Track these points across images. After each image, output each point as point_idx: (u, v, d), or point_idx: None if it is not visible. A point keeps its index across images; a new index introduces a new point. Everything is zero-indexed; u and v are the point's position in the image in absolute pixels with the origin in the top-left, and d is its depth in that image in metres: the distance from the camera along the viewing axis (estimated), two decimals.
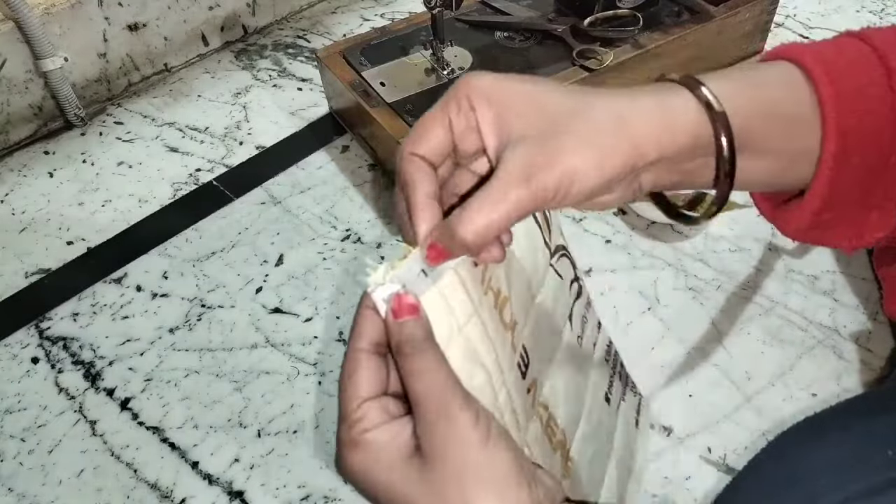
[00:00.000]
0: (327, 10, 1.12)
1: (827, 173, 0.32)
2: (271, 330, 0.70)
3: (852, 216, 0.34)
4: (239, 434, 0.63)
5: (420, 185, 0.31)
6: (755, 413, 0.61)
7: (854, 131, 0.31)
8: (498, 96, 0.30)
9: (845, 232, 0.35)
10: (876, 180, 0.33)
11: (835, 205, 0.33)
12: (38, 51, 0.85)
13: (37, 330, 0.71)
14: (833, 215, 0.34)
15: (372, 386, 0.30)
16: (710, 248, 0.74)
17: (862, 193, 0.33)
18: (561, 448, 0.41)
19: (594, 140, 0.29)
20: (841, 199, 0.33)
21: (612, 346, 0.53)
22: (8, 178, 0.88)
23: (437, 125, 0.31)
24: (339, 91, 0.84)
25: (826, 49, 0.33)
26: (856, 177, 0.33)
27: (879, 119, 0.32)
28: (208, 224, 0.81)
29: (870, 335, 0.66)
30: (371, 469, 0.29)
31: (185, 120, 0.94)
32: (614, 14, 0.81)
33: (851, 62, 0.32)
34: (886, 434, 0.40)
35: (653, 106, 0.30)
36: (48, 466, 0.61)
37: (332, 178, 0.85)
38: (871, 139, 0.32)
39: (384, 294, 0.30)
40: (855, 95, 0.31)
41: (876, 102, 0.32)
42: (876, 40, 0.33)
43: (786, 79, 0.32)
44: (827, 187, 0.32)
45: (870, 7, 1.05)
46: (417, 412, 0.29)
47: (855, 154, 0.32)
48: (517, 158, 0.29)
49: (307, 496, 0.59)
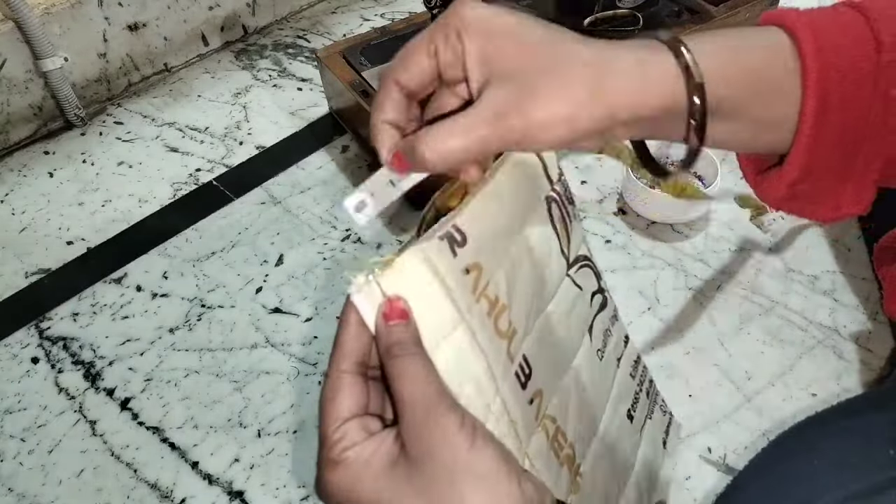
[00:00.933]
0: (327, 10, 1.12)
1: (805, 138, 0.32)
2: (271, 330, 0.70)
3: (829, 188, 0.34)
4: (239, 434, 0.63)
5: (382, 110, 0.32)
6: (755, 413, 0.61)
7: (834, 93, 0.31)
8: (486, 31, 0.30)
9: (823, 203, 0.35)
10: (855, 150, 0.33)
11: (812, 175, 0.33)
12: (38, 51, 0.85)
13: (37, 330, 0.71)
14: (809, 186, 0.34)
15: (353, 408, 0.30)
16: (710, 248, 0.74)
17: (840, 164, 0.33)
18: (569, 462, 0.40)
19: (568, 95, 0.29)
20: (818, 170, 0.33)
21: (640, 362, 0.52)
22: (8, 178, 0.88)
23: (422, 53, 0.31)
24: (339, 91, 0.84)
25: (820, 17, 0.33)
26: (833, 143, 0.32)
27: (861, 80, 0.31)
28: (208, 224, 0.81)
29: (870, 335, 0.66)
30: (354, 486, 0.29)
31: (185, 120, 0.94)
32: (614, 14, 0.81)
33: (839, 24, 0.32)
34: (887, 433, 0.40)
35: (632, 67, 0.30)
36: (48, 466, 0.61)
37: (332, 178, 0.85)
38: (852, 100, 0.31)
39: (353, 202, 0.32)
40: (837, 54, 0.31)
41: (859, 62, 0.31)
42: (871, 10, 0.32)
43: (772, 44, 0.32)
44: (805, 153, 0.32)
45: None
46: (404, 415, 0.29)
47: (834, 115, 0.31)
48: (492, 97, 0.29)
49: (307, 496, 0.59)
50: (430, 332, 0.31)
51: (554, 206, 0.40)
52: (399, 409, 0.29)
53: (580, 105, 0.29)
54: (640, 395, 0.51)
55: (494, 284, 0.35)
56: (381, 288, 0.30)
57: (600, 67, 0.29)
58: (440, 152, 0.30)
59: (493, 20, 0.30)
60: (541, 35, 0.30)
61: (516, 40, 0.30)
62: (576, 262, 0.43)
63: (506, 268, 0.36)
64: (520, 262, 0.37)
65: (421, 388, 0.29)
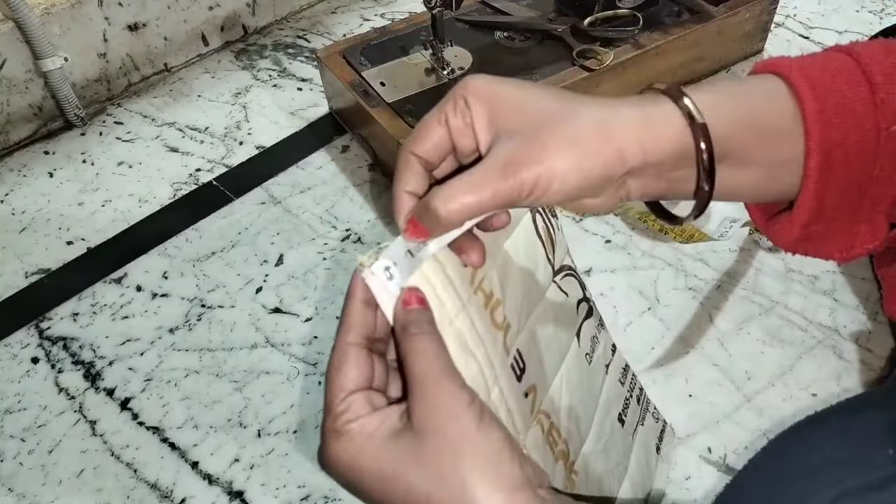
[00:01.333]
0: (327, 10, 1.12)
1: (812, 187, 0.33)
2: (271, 330, 0.70)
3: (842, 228, 0.35)
4: (239, 434, 0.63)
5: (403, 180, 0.33)
6: (755, 413, 0.61)
7: (837, 146, 0.32)
8: (492, 96, 0.31)
9: (836, 244, 0.36)
10: (861, 194, 0.34)
11: (823, 217, 0.34)
12: (38, 51, 0.85)
13: (37, 330, 0.71)
14: (822, 227, 0.35)
15: (358, 379, 0.31)
16: (710, 248, 0.74)
17: (849, 207, 0.34)
18: (564, 458, 0.41)
19: (577, 143, 0.30)
20: (829, 212, 0.34)
21: (628, 371, 0.53)
22: (8, 178, 0.88)
23: (435, 124, 0.32)
24: (339, 91, 0.84)
25: (811, 63, 0.33)
26: (841, 190, 0.33)
27: (863, 134, 0.32)
28: (208, 224, 0.81)
29: (870, 335, 0.66)
30: (356, 458, 0.29)
31: (185, 120, 0.94)
32: (614, 14, 0.81)
33: (836, 77, 0.32)
34: (886, 433, 0.40)
35: (636, 114, 0.31)
36: (48, 466, 0.61)
37: (332, 178, 0.85)
38: (855, 154, 0.32)
39: (377, 270, 0.31)
40: (838, 111, 0.32)
41: (859, 118, 0.32)
42: (863, 55, 0.33)
43: (770, 92, 0.33)
44: (813, 201, 0.33)
45: (870, 7, 1.05)
46: (415, 390, 0.30)
47: (839, 168, 0.32)
48: (501, 152, 0.30)
49: (307, 496, 0.59)
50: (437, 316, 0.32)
51: (538, 217, 0.42)
52: (410, 385, 0.30)
53: (590, 152, 0.30)
54: (630, 401, 0.52)
55: (489, 280, 0.35)
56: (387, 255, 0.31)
57: (606, 118, 0.30)
58: (453, 209, 0.30)
59: (498, 85, 0.32)
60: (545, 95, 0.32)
61: (520, 100, 0.31)
62: (561, 270, 0.44)
63: (498, 266, 0.37)
64: (509, 263, 0.38)
65: (434, 364, 0.30)
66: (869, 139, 0.32)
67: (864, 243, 0.36)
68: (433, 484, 0.28)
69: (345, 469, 0.30)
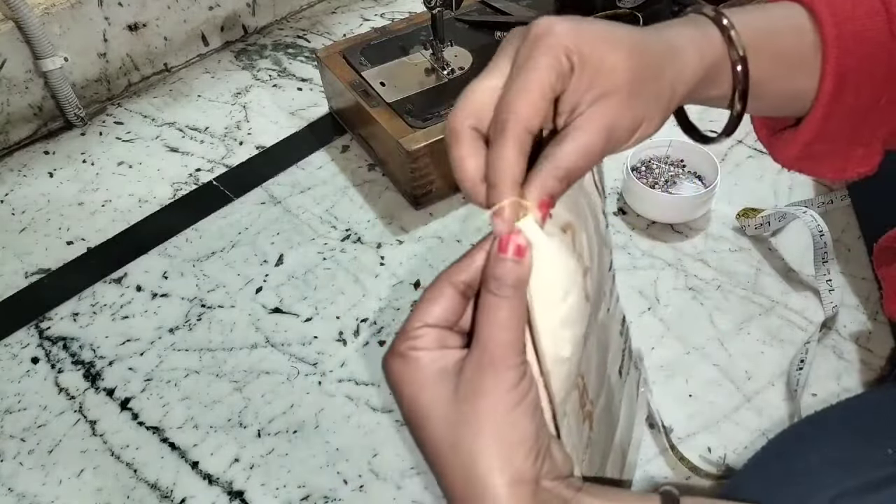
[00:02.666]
0: (327, 10, 1.12)
1: (821, 110, 0.34)
2: (271, 330, 0.70)
3: (840, 150, 0.37)
4: (239, 434, 0.63)
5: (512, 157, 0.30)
6: (755, 413, 0.61)
7: (851, 72, 0.34)
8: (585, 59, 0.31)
9: (832, 164, 0.38)
10: (864, 119, 0.35)
11: (825, 138, 0.36)
12: (38, 51, 0.85)
13: (37, 330, 0.71)
14: (822, 148, 0.36)
15: (440, 317, 0.31)
16: (710, 248, 0.74)
17: (851, 130, 0.36)
18: (589, 419, 0.40)
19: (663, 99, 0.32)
20: (831, 134, 0.36)
21: (625, 320, 0.51)
22: (8, 178, 0.88)
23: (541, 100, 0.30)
24: (339, 91, 0.84)
25: None
26: (847, 114, 0.35)
27: (876, 63, 0.34)
28: (208, 224, 0.81)
29: (870, 335, 0.66)
30: (402, 379, 0.30)
31: (185, 120, 0.94)
32: (614, 14, 0.81)
33: (856, 5, 0.34)
34: (886, 433, 0.40)
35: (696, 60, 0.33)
36: (48, 466, 0.61)
37: (332, 178, 0.85)
38: (866, 81, 0.34)
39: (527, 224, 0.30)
40: (855, 38, 0.33)
41: (875, 46, 0.34)
42: None
43: (794, 23, 0.35)
44: (820, 122, 0.35)
45: None
46: (473, 350, 0.30)
47: (849, 93, 0.34)
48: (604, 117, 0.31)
49: (307, 496, 0.59)
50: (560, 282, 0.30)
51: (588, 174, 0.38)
52: (473, 342, 0.30)
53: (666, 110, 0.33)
54: (625, 353, 0.51)
55: (581, 245, 0.33)
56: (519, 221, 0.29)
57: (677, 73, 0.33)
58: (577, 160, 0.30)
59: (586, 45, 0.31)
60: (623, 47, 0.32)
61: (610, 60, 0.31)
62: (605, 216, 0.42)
63: (587, 229, 0.34)
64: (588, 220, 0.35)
65: (497, 333, 0.29)
66: (881, 67, 0.34)
67: (858, 166, 0.37)
68: (447, 444, 0.29)
69: (393, 383, 0.31)
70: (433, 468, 0.30)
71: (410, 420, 0.30)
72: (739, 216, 0.75)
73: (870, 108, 0.35)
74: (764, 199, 0.78)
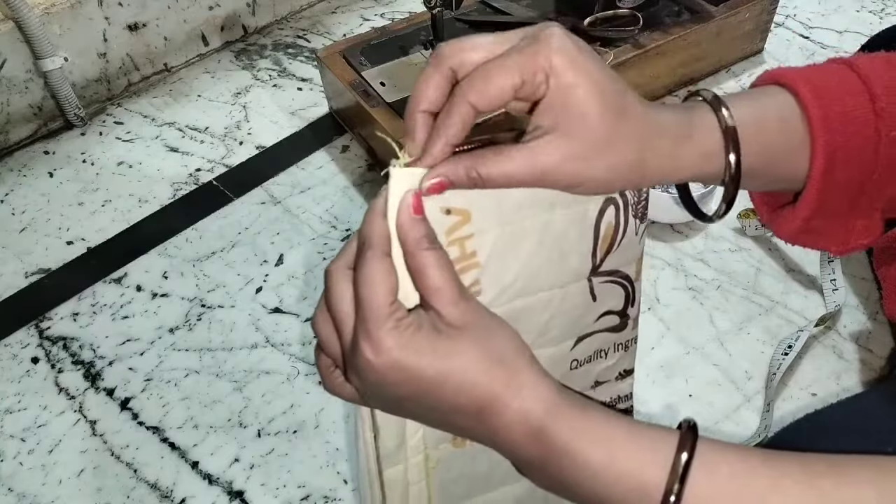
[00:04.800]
0: (327, 10, 1.12)
1: (815, 187, 0.36)
2: (271, 330, 0.70)
3: (840, 224, 0.38)
4: (239, 434, 0.63)
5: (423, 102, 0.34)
6: (755, 413, 0.61)
7: (840, 149, 0.35)
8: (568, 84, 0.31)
9: (833, 237, 0.39)
10: (860, 193, 0.37)
11: (823, 214, 0.37)
12: (38, 51, 0.85)
13: (37, 330, 0.71)
14: (822, 223, 0.38)
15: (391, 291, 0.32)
16: (710, 248, 0.74)
17: (848, 204, 0.37)
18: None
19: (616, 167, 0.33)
20: (828, 209, 0.37)
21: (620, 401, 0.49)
22: (8, 178, 0.88)
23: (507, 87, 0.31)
24: (339, 91, 0.84)
25: (815, 74, 0.36)
26: (841, 190, 0.36)
27: (863, 140, 0.35)
28: (208, 224, 0.81)
29: (870, 335, 0.66)
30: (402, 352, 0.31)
31: (185, 120, 0.94)
32: (614, 14, 0.81)
33: (838, 88, 0.36)
34: (886, 432, 0.40)
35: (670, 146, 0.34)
36: (48, 466, 0.61)
37: (332, 178, 0.85)
38: (856, 157, 0.36)
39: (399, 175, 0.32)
40: (841, 118, 0.35)
41: (860, 124, 0.35)
42: (861, 68, 0.36)
43: (781, 111, 0.36)
44: (816, 198, 0.36)
45: (870, 7, 1.05)
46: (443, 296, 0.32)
47: (841, 170, 0.36)
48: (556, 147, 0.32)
49: (307, 496, 0.59)
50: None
51: (611, 209, 0.39)
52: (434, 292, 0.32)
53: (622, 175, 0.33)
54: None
55: (479, 241, 0.35)
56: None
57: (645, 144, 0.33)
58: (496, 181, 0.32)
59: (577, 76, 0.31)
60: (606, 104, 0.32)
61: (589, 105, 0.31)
62: (605, 273, 0.41)
63: (504, 233, 0.35)
64: (525, 238, 0.36)
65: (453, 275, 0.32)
66: (869, 144, 0.35)
67: (860, 238, 0.39)
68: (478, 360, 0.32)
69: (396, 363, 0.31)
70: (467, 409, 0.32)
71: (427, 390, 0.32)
72: (741, 216, 0.75)
73: (863, 182, 0.36)
74: None
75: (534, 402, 0.32)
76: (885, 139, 0.35)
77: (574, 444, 0.31)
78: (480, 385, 0.31)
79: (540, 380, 0.32)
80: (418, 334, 0.31)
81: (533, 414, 0.31)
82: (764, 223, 0.41)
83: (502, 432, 0.32)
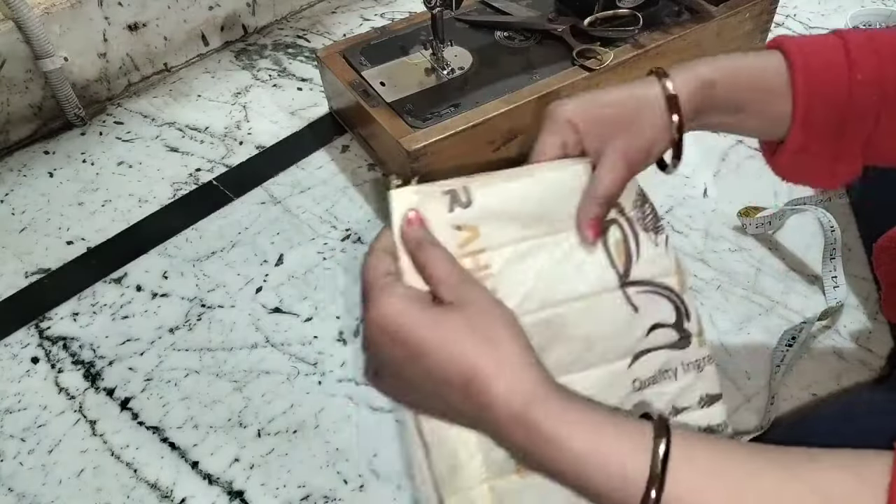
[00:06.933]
0: (327, 10, 1.12)
1: (799, 122, 0.42)
2: (271, 330, 0.70)
3: (825, 166, 0.44)
4: (239, 434, 0.63)
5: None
6: (755, 413, 0.61)
7: (818, 95, 0.41)
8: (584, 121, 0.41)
9: (822, 173, 0.45)
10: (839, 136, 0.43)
11: (809, 150, 0.43)
12: (38, 51, 0.85)
13: (37, 330, 0.71)
14: (809, 159, 0.44)
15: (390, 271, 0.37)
16: (710, 248, 0.74)
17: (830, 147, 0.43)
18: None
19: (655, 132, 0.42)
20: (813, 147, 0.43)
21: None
22: (8, 178, 0.88)
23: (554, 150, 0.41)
24: (339, 91, 0.84)
25: (805, 39, 0.43)
26: (822, 128, 0.42)
27: (838, 83, 0.41)
28: (208, 224, 0.81)
29: (870, 335, 0.66)
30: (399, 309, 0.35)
31: (185, 120, 0.94)
32: (614, 14, 0.81)
33: (820, 44, 0.42)
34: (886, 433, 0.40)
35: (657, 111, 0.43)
36: (48, 466, 0.61)
37: (332, 178, 0.85)
38: (832, 99, 0.42)
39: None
40: (821, 66, 0.42)
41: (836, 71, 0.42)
42: (845, 33, 0.43)
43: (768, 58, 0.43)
44: (800, 133, 0.42)
45: (870, 7, 1.05)
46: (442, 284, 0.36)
47: (819, 109, 0.42)
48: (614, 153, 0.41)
49: (307, 496, 0.59)
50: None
51: (614, 229, 0.41)
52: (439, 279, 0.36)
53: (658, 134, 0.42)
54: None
55: (490, 256, 0.38)
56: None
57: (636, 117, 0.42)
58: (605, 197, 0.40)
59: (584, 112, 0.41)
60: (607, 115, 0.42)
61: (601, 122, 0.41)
62: (643, 283, 0.41)
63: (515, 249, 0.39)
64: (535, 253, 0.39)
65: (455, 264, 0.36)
66: (843, 86, 0.41)
67: (844, 176, 0.45)
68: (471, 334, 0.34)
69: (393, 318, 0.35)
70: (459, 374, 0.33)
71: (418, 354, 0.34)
72: (740, 215, 0.75)
73: (841, 124, 0.42)
74: (764, 198, 0.78)
75: (519, 384, 0.33)
76: (855, 84, 0.41)
77: (557, 430, 0.32)
78: (467, 356, 0.33)
79: (529, 366, 0.34)
80: (416, 303, 0.35)
81: (516, 397, 0.32)
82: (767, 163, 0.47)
83: (487, 411, 0.33)
